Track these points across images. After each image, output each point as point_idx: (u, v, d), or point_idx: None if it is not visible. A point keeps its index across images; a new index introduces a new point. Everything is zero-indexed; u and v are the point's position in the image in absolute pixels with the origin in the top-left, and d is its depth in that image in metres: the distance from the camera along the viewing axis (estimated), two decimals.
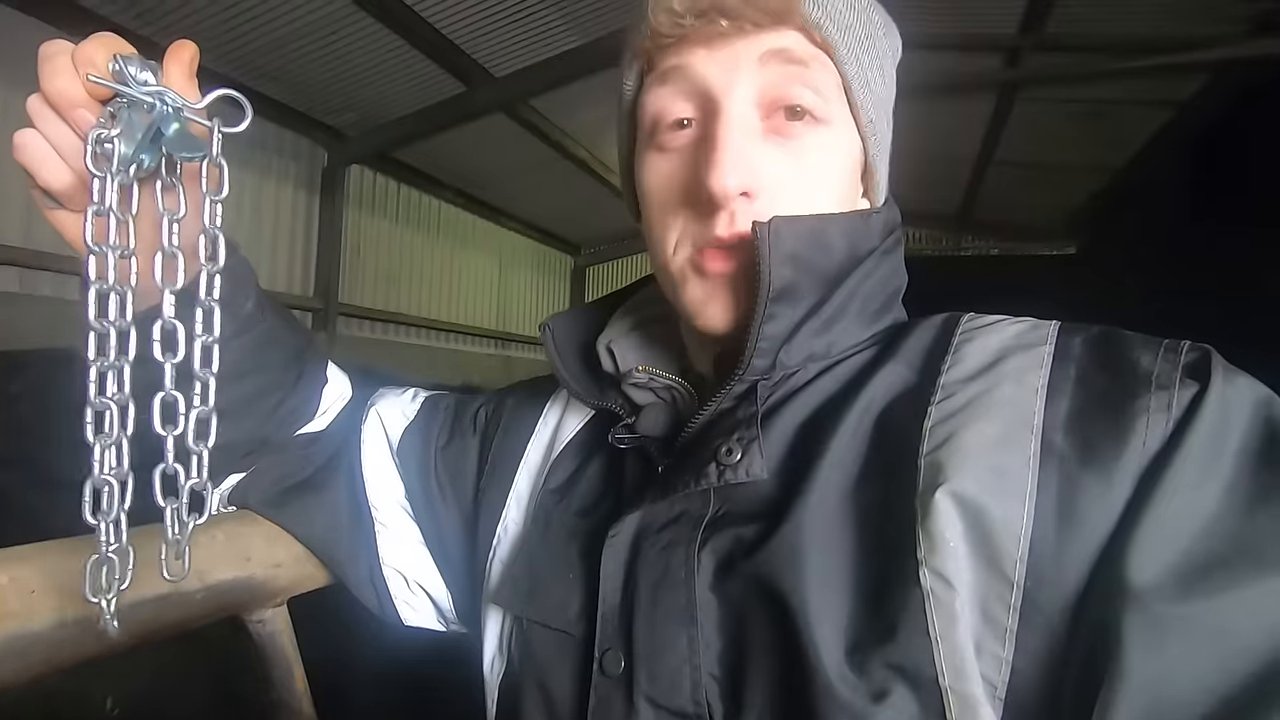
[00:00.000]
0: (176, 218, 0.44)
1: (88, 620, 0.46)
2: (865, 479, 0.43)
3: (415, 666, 1.33)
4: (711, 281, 0.48)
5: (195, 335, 0.45)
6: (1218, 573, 0.34)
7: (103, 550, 0.41)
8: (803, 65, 0.46)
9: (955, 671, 0.36)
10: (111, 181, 0.40)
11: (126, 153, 0.40)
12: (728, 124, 0.45)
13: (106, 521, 0.41)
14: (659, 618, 0.44)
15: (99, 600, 0.41)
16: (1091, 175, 5.00)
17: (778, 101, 0.47)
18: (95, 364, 0.41)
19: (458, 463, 0.66)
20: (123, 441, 0.42)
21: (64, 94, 0.41)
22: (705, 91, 0.47)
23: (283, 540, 0.64)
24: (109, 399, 0.41)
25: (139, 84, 0.40)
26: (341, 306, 4.71)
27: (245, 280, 0.57)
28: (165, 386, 0.44)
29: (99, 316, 0.41)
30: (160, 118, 0.41)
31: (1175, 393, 0.38)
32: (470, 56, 3.78)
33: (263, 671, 0.63)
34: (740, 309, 0.48)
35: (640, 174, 0.52)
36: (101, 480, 0.41)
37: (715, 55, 0.46)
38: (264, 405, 0.61)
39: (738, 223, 0.46)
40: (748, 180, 0.45)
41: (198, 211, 0.44)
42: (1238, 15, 3.14)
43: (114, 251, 0.41)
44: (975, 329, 0.47)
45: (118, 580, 0.42)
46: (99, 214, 0.40)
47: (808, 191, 0.47)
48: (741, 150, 0.45)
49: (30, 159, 0.43)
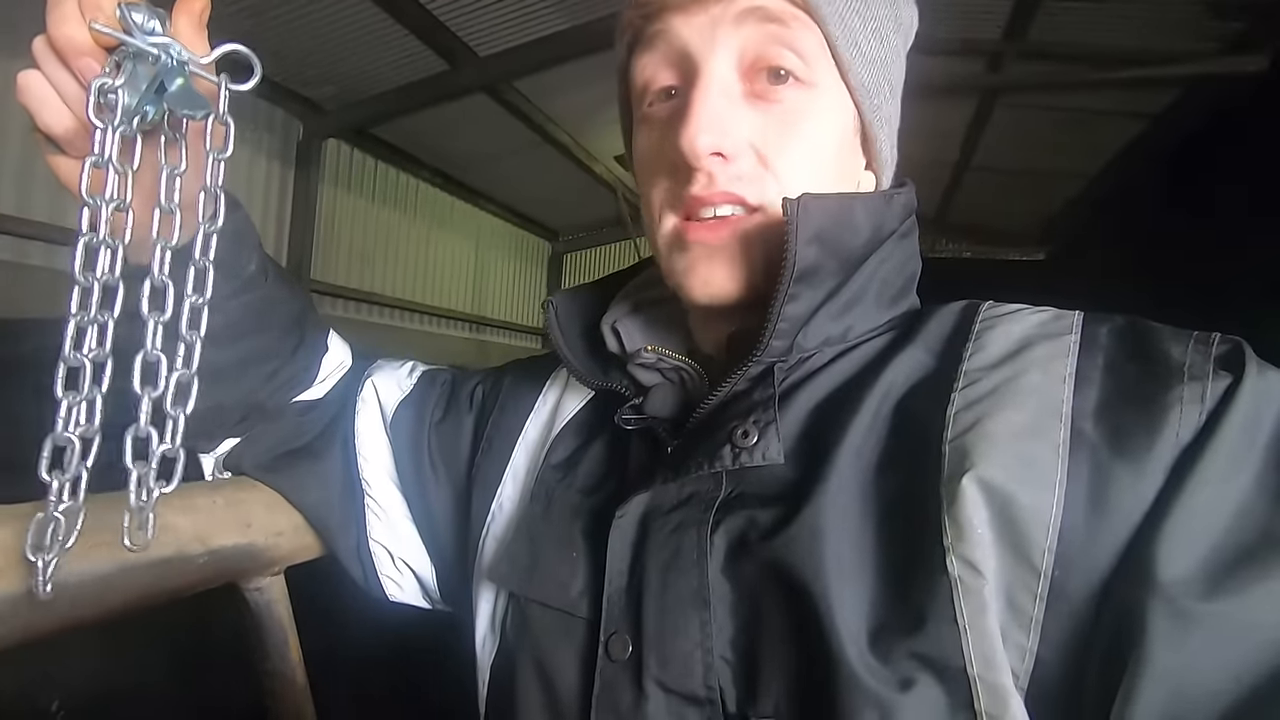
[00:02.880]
0: (178, 172, 0.43)
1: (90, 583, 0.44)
2: (886, 465, 0.43)
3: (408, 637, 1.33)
4: (692, 252, 0.48)
5: (186, 295, 0.43)
6: (1245, 566, 0.34)
7: (49, 509, 0.40)
8: (780, 24, 0.45)
9: (985, 661, 0.36)
10: (112, 133, 0.39)
11: (130, 104, 0.39)
12: (704, 85, 0.45)
13: (61, 480, 0.40)
14: (670, 601, 0.43)
15: (37, 560, 0.40)
16: (1067, 182, 5.10)
17: (758, 63, 0.46)
18: (75, 318, 0.40)
19: (452, 439, 0.65)
20: (95, 399, 0.41)
21: (70, 40, 0.39)
22: (684, 55, 0.47)
23: (283, 509, 0.63)
24: (84, 355, 0.40)
25: (145, 34, 0.39)
26: (313, 284, 4.61)
27: (249, 241, 0.55)
28: (148, 345, 0.43)
29: (85, 269, 0.40)
30: (165, 70, 0.40)
31: (1209, 384, 0.38)
32: (455, 34, 3.71)
33: (258, 639, 0.62)
34: (726, 281, 0.47)
35: (634, 148, 0.52)
36: (63, 437, 0.40)
37: (692, 20, 0.46)
38: (262, 369, 0.60)
39: (717, 183, 0.45)
40: (720, 140, 0.45)
41: (199, 168, 0.43)
42: (1212, 33, 3.22)
43: (109, 205, 0.40)
44: (997, 316, 0.47)
45: (60, 541, 0.41)
46: (97, 165, 0.39)
47: (795, 155, 0.47)
48: (716, 111, 0.45)
49: (32, 100, 0.42)
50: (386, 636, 1.44)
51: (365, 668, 1.52)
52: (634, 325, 0.56)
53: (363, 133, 4.84)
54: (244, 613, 0.62)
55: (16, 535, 0.42)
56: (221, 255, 0.45)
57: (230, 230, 0.46)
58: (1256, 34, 3.12)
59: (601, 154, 5.46)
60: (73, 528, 0.41)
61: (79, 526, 0.41)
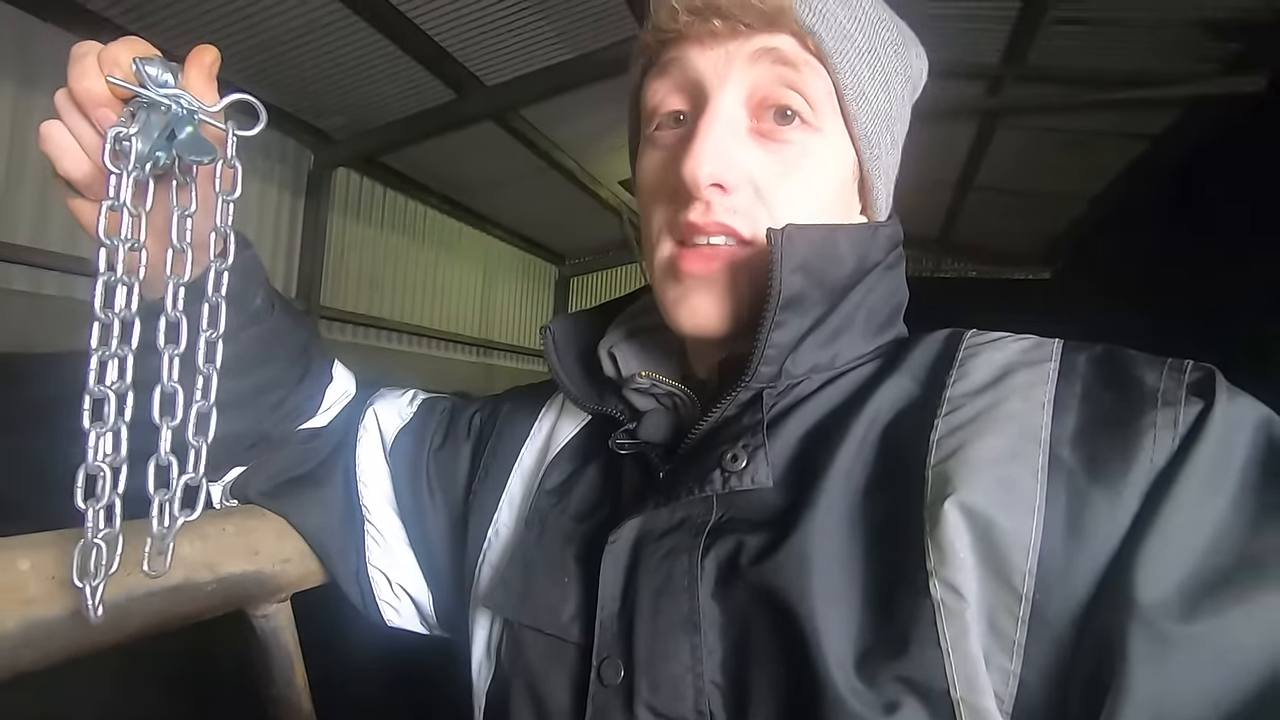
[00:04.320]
0: (189, 213, 0.46)
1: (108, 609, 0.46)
2: (872, 490, 0.43)
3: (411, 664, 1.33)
4: (684, 284, 0.49)
5: (201, 330, 0.46)
6: (1223, 589, 0.34)
7: (89, 536, 0.42)
8: (792, 67, 0.47)
9: (967, 683, 0.36)
10: (127, 177, 0.42)
11: (143, 150, 0.42)
12: (711, 117, 0.46)
13: (96, 508, 0.42)
14: (660, 626, 0.43)
15: (84, 586, 0.42)
16: (1069, 203, 5.12)
17: (766, 101, 0.47)
18: (97, 353, 0.42)
19: (450, 466, 0.66)
20: (120, 429, 0.43)
21: (89, 92, 0.43)
22: (697, 85, 0.48)
23: (290, 536, 0.64)
24: (108, 387, 0.42)
25: (158, 86, 0.42)
26: (323, 310, 4.66)
27: (255, 276, 0.57)
28: (165, 378, 0.45)
29: (105, 306, 0.42)
30: (175, 119, 0.43)
31: (1181, 410, 0.39)
32: (462, 64, 3.79)
33: (264, 666, 0.63)
34: (714, 315, 0.48)
35: (638, 170, 0.53)
36: (95, 466, 0.42)
37: (708, 52, 0.47)
38: (268, 400, 0.62)
39: (713, 213, 0.46)
40: (722, 172, 0.46)
41: (209, 209, 0.46)
42: (1210, 54, 3.25)
43: (125, 244, 0.42)
44: (979, 344, 0.48)
45: (104, 566, 0.42)
46: (113, 208, 0.42)
47: (792, 195, 0.48)
48: (720, 143, 0.46)
49: (53, 148, 0.45)
50: (386, 663, 1.44)
51: (366, 694, 1.52)
52: (630, 350, 0.57)
53: (372, 161, 4.92)
54: (250, 639, 0.63)
55: (55, 561, 0.44)
56: (230, 291, 0.47)
57: (238, 267, 0.48)
58: (1254, 55, 3.15)
59: (606, 179, 5.52)
60: (114, 553, 0.43)
61: (120, 551, 0.43)
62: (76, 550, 0.42)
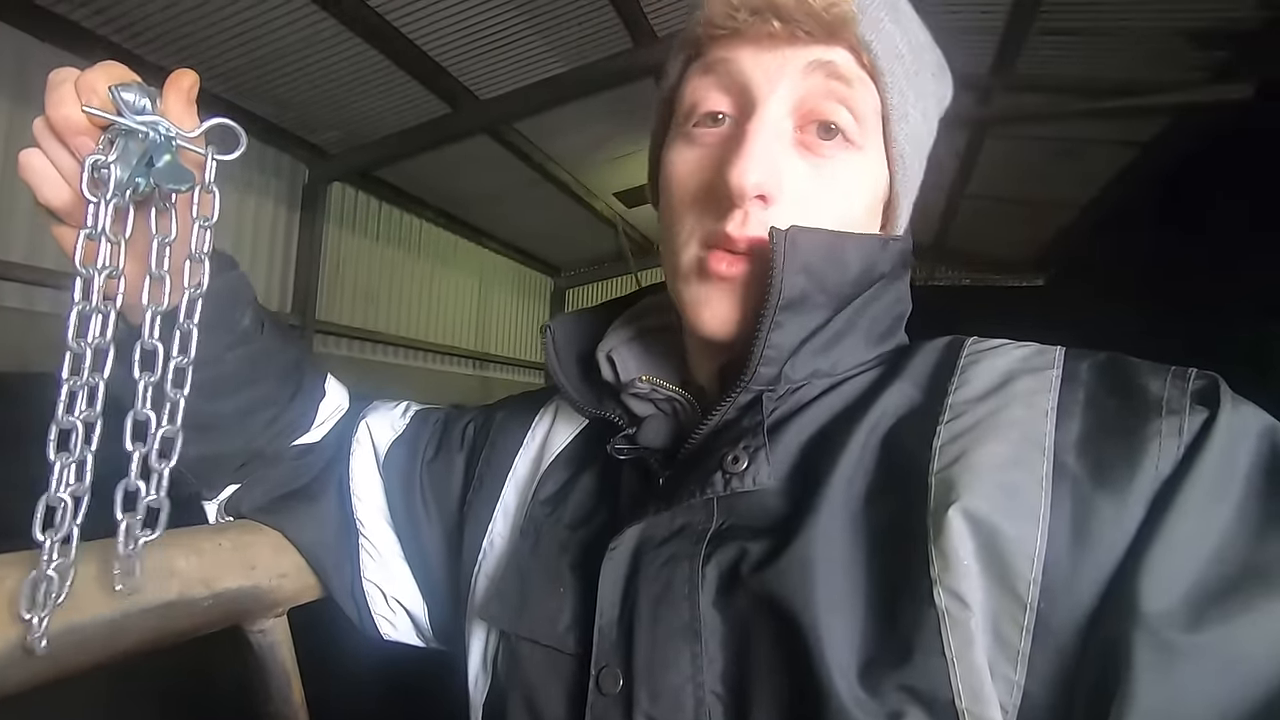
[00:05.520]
0: (168, 240, 0.45)
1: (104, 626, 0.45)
2: (874, 497, 0.43)
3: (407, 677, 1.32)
4: (711, 285, 0.47)
5: (171, 355, 0.45)
6: (1228, 597, 0.34)
7: (42, 567, 0.41)
8: (845, 83, 0.46)
9: (972, 694, 0.36)
10: (106, 205, 0.41)
11: (121, 178, 0.42)
12: (760, 124, 0.45)
13: (54, 539, 0.41)
14: (660, 634, 0.43)
15: (31, 617, 0.41)
16: (1060, 210, 5.15)
17: (813, 114, 0.46)
18: (68, 383, 0.41)
19: (444, 478, 0.65)
20: (86, 459, 0.42)
21: (66, 120, 0.42)
22: (745, 88, 0.47)
23: (287, 550, 0.64)
24: (75, 418, 0.42)
25: (135, 113, 0.42)
26: (319, 324, 4.66)
27: (242, 296, 0.57)
28: (138, 405, 0.44)
29: (77, 337, 0.42)
30: (153, 146, 0.42)
31: (1186, 418, 0.38)
32: (456, 79, 3.81)
33: (260, 682, 0.62)
34: (736, 318, 0.47)
35: (666, 162, 0.51)
36: (56, 498, 0.41)
37: (762, 56, 0.46)
38: (260, 417, 0.61)
39: (750, 225, 0.45)
40: (767, 182, 0.45)
41: (189, 234, 0.45)
42: (1198, 63, 3.28)
43: (101, 273, 0.42)
44: (981, 351, 0.47)
45: (53, 598, 0.42)
46: (90, 237, 0.41)
47: (826, 210, 0.47)
48: (768, 152, 0.45)
49: (33, 177, 0.45)
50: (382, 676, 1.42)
51: (361, 708, 1.50)
52: (629, 354, 0.56)
53: (367, 175, 4.94)
54: (247, 656, 0.62)
55: (8, 590, 0.43)
56: (216, 312, 0.47)
57: (225, 288, 0.48)
58: (1241, 63, 3.18)
59: (601, 191, 5.54)
60: (64, 585, 0.42)
61: (70, 582, 0.43)
62: (26, 583, 0.41)
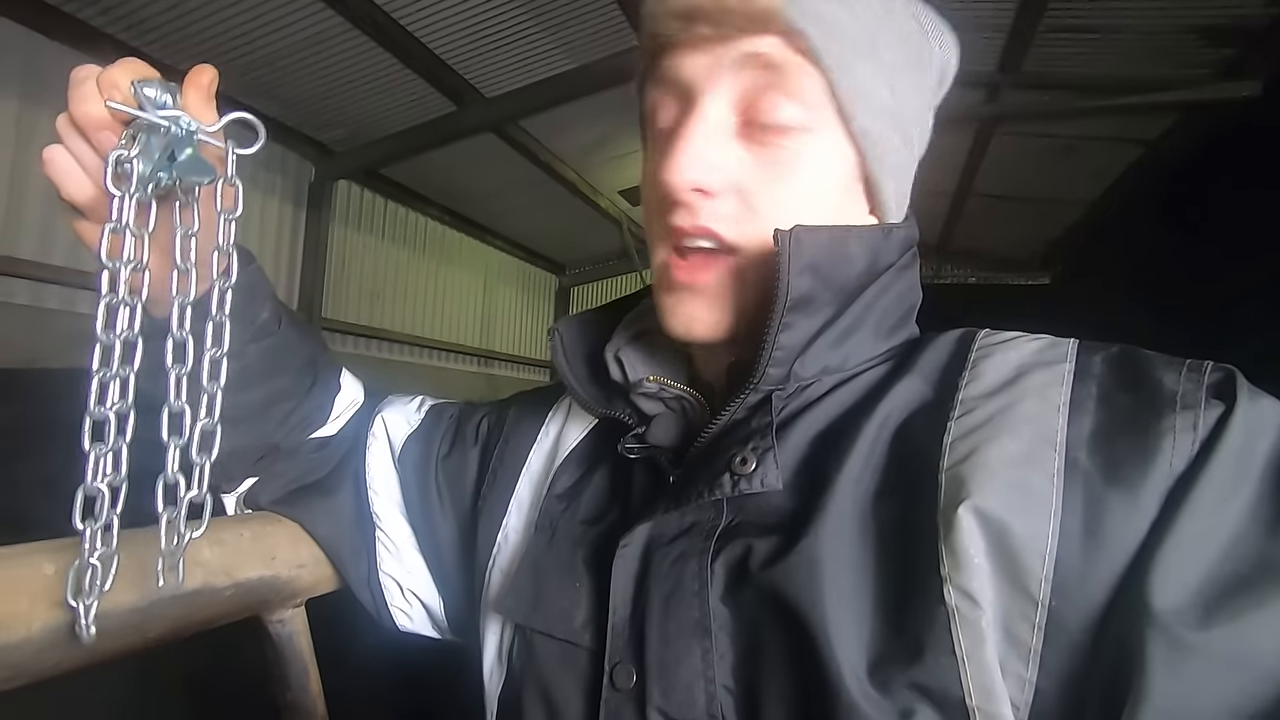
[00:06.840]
0: (191, 233, 0.46)
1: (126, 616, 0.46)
2: (884, 494, 0.43)
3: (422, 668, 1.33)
4: (678, 293, 0.49)
5: (205, 349, 0.46)
6: (1241, 595, 0.33)
7: (85, 556, 0.42)
8: (778, 71, 0.46)
9: (983, 692, 0.36)
10: (129, 200, 0.42)
11: (144, 172, 0.42)
12: (693, 121, 0.46)
13: (94, 528, 0.42)
14: (672, 630, 0.43)
15: (78, 605, 0.42)
16: (1067, 208, 5.12)
17: (754, 105, 0.47)
18: (98, 374, 0.42)
19: (458, 472, 0.66)
20: (120, 449, 0.43)
21: (89, 116, 0.43)
22: (687, 91, 0.48)
23: (305, 541, 0.65)
24: (108, 409, 0.42)
25: (157, 108, 0.43)
26: (325, 321, 4.66)
27: (261, 291, 0.58)
28: (172, 397, 0.45)
29: (107, 329, 0.42)
30: (175, 140, 0.43)
31: (1201, 413, 0.38)
32: (462, 76, 3.81)
33: (279, 671, 0.63)
34: (705, 324, 0.48)
35: (643, 173, 0.53)
36: (93, 488, 0.42)
37: (698, 58, 0.47)
38: (277, 411, 0.62)
39: (697, 217, 0.46)
40: (704, 176, 0.45)
41: (212, 228, 0.46)
42: (1204, 60, 3.26)
43: (127, 266, 0.43)
44: (992, 345, 0.47)
45: (99, 585, 0.43)
46: (115, 231, 0.42)
47: (781, 198, 0.47)
48: (699, 148, 0.45)
49: (56, 173, 0.45)
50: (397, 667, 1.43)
51: (377, 698, 1.52)
52: (636, 354, 0.56)
53: (373, 173, 4.93)
54: (266, 645, 0.63)
55: (56, 574, 0.44)
56: (236, 306, 0.48)
57: (244, 283, 0.48)
58: (1250, 60, 3.16)
59: (606, 189, 5.53)
60: (108, 573, 0.43)
61: (114, 571, 0.43)
62: (71, 570, 0.42)
